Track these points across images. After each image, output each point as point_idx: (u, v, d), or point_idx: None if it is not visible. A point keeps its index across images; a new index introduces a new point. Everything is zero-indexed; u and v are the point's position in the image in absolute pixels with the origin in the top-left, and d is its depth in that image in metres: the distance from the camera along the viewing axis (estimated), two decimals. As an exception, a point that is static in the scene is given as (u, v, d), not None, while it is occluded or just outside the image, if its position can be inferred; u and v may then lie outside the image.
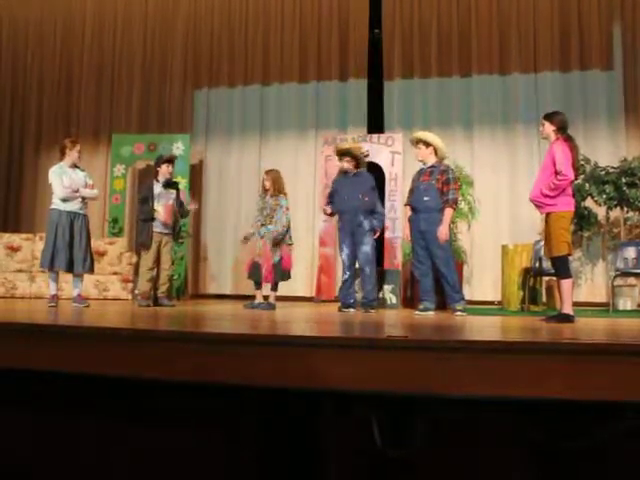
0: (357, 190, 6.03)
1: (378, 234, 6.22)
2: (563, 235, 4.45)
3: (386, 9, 9.14)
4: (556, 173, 4.44)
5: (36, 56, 10.36)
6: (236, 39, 9.64)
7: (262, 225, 6.22)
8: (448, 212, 5.72)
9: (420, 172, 5.95)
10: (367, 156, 7.03)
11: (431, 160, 5.87)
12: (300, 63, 9.37)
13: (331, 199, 6.30)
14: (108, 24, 10.13)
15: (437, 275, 5.79)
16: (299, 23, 9.44)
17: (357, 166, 6.21)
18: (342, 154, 6.22)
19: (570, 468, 2.39)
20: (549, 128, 4.63)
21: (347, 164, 6.19)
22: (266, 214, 6.22)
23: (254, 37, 9.58)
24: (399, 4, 9.12)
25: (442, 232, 5.65)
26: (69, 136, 8.49)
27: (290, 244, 6.33)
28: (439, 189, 5.72)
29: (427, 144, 5.86)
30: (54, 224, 5.84)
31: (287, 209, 6.29)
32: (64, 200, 5.87)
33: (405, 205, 6.14)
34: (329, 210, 6.35)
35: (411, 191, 5.97)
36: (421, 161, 5.96)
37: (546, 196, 4.47)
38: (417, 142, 5.95)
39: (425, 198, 5.73)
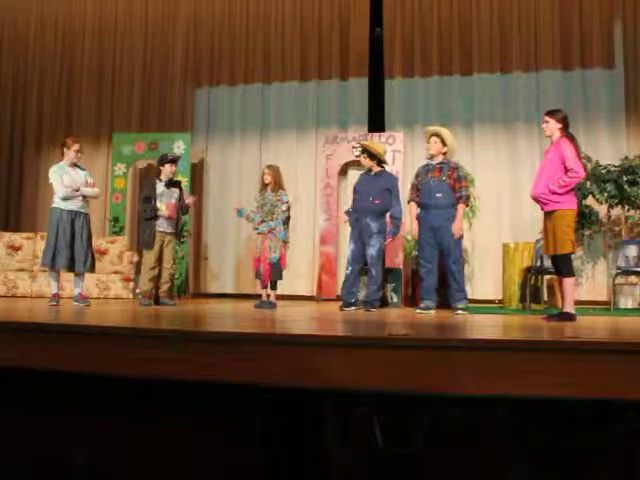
0: (370, 191, 5.97)
1: (390, 240, 6.18)
2: (567, 233, 4.42)
3: (387, 7, 9.13)
4: (566, 170, 4.41)
5: (37, 55, 10.37)
6: (237, 38, 9.65)
7: (262, 221, 6.19)
8: (461, 208, 5.68)
9: (427, 168, 5.84)
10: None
11: (440, 157, 5.81)
12: (301, 62, 9.37)
13: (353, 196, 6.25)
14: (109, 23, 10.13)
15: (442, 273, 5.77)
16: (300, 21, 9.45)
17: (380, 166, 6.17)
18: (362, 150, 6.20)
19: (570, 467, 2.39)
20: (555, 125, 4.57)
21: (363, 160, 6.18)
22: (267, 210, 6.18)
23: (255, 36, 9.59)
24: (400, 2, 9.12)
25: (456, 228, 5.60)
26: (70, 135, 8.49)
27: (286, 242, 6.30)
28: (450, 185, 5.67)
29: (444, 142, 5.80)
30: (55, 223, 5.84)
31: (288, 205, 6.28)
32: (65, 199, 5.87)
33: (410, 202, 5.97)
34: (346, 220, 6.34)
35: (416, 188, 5.87)
36: (431, 155, 5.86)
37: (554, 193, 4.42)
38: (435, 135, 5.82)
39: (437, 195, 5.65)
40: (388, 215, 6.10)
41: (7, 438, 2.88)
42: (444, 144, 5.79)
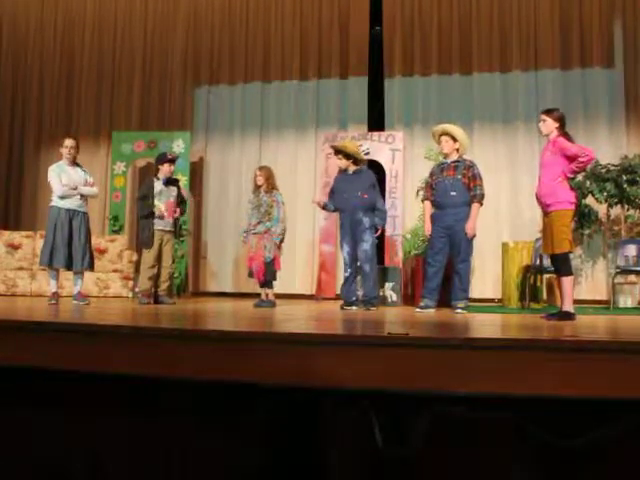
0: (356, 188, 5.97)
1: (380, 232, 6.18)
2: (565, 232, 4.42)
3: (387, 6, 9.13)
4: (571, 161, 4.40)
5: (37, 54, 10.36)
6: (236, 37, 9.65)
7: (259, 222, 6.20)
8: (476, 207, 5.62)
9: (442, 167, 5.80)
10: (367, 154, 7.00)
11: (455, 155, 5.77)
12: (300, 60, 9.37)
13: (331, 196, 6.27)
14: (108, 22, 10.12)
15: (448, 272, 5.75)
16: (299, 20, 9.44)
17: (356, 164, 6.17)
18: (336, 152, 6.20)
19: (570, 467, 2.39)
20: (552, 124, 4.56)
21: (339, 161, 6.16)
22: (263, 211, 6.20)
23: (254, 34, 9.58)
24: (400, 1, 9.11)
25: (470, 227, 5.57)
26: (68, 134, 8.50)
27: (282, 242, 6.31)
28: (465, 184, 5.63)
29: (454, 138, 5.78)
30: (53, 221, 5.85)
31: (283, 204, 6.30)
32: (62, 198, 5.88)
33: (424, 200, 5.96)
34: (322, 203, 6.35)
35: (430, 186, 5.84)
36: (445, 154, 5.83)
37: (555, 192, 4.42)
38: (444, 134, 5.79)
39: (452, 193, 5.62)
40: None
41: (7, 438, 2.88)
42: (455, 140, 5.78)
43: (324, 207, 6.34)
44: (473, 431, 2.42)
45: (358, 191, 5.96)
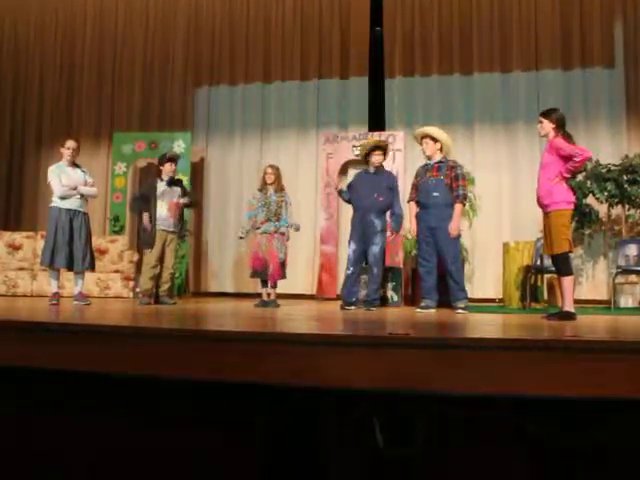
0: (373, 189, 5.96)
1: (394, 236, 6.17)
2: (564, 232, 4.43)
3: (387, 6, 9.13)
4: (566, 161, 4.41)
5: (37, 55, 10.37)
6: (237, 37, 9.65)
7: (267, 220, 6.20)
8: (458, 208, 5.66)
9: (426, 168, 5.84)
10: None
11: (438, 156, 5.81)
12: (301, 61, 9.37)
13: (348, 190, 6.24)
14: (109, 22, 10.13)
15: (441, 272, 5.76)
16: (300, 20, 9.44)
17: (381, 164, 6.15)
18: (376, 147, 6.11)
19: (570, 466, 2.39)
20: (548, 126, 4.58)
21: (377, 157, 6.07)
22: (273, 210, 6.20)
23: (255, 34, 9.58)
24: (400, 2, 9.11)
25: (453, 227, 5.60)
26: (69, 134, 8.50)
27: (288, 239, 6.34)
28: (448, 185, 5.66)
29: (435, 139, 5.81)
30: (54, 222, 5.86)
31: (291, 205, 6.32)
32: (62, 198, 5.89)
33: (409, 201, 5.98)
34: (339, 187, 6.37)
35: (415, 187, 5.87)
36: (429, 156, 5.85)
37: (553, 192, 4.43)
38: (424, 137, 5.83)
39: (435, 194, 5.65)
40: (388, 213, 6.09)
41: (7, 438, 2.88)
42: (436, 141, 5.79)
43: (340, 192, 6.30)
44: (473, 431, 2.42)
45: (374, 193, 5.95)
